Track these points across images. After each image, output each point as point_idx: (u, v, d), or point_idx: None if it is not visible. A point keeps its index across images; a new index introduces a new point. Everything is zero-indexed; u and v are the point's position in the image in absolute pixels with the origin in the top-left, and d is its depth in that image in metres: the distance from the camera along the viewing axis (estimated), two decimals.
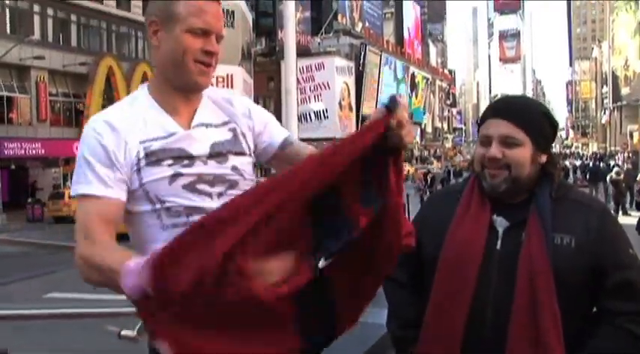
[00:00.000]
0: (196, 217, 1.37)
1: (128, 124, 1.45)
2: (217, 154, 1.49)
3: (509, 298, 1.49)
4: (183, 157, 1.45)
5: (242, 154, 1.55)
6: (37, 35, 27.19)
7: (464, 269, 1.54)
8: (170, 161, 1.44)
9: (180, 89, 1.50)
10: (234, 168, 1.51)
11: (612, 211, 15.25)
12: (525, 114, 1.56)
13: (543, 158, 1.58)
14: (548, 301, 1.46)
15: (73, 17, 30.66)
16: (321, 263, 1.30)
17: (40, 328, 5.18)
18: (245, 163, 1.54)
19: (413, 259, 1.68)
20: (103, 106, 29.94)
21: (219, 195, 1.47)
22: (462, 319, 1.52)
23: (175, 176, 1.44)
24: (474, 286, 1.52)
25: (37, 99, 27.80)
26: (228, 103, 1.60)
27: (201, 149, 1.48)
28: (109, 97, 31.14)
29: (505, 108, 1.60)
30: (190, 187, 1.45)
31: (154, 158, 1.43)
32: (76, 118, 30.53)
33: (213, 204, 1.43)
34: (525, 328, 1.46)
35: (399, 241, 1.38)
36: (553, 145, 1.68)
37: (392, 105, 1.32)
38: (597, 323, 1.53)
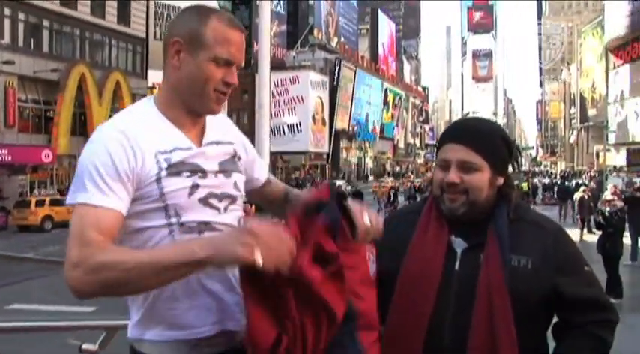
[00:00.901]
0: (206, 234, 1.44)
1: (143, 134, 1.45)
2: (224, 170, 1.56)
3: (467, 319, 1.50)
4: (197, 171, 1.49)
5: (239, 172, 1.62)
6: (6, 39, 26.73)
7: (422, 290, 1.55)
8: (188, 173, 1.48)
9: (192, 111, 1.53)
10: (235, 184, 1.58)
11: (578, 229, 15.59)
12: (483, 139, 1.57)
13: (501, 181, 1.59)
14: (505, 323, 1.48)
15: (46, 22, 30.21)
16: None
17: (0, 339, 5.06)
18: (241, 181, 1.62)
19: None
20: (74, 114, 29.39)
21: (225, 209, 1.53)
22: (420, 339, 1.53)
23: (194, 188, 1.47)
24: (432, 306, 1.53)
25: (6, 104, 27.20)
26: (228, 125, 1.68)
27: (211, 166, 1.53)
28: (81, 105, 30.74)
29: (463, 133, 1.60)
30: (204, 201, 1.49)
31: (174, 169, 1.45)
32: (45, 125, 29.99)
33: (221, 218, 1.50)
34: (483, 349, 1.48)
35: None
36: (523, 163, 1.70)
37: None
38: (563, 333, 1.57)
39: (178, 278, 1.33)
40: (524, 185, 27.33)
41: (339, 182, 34.77)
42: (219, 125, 1.62)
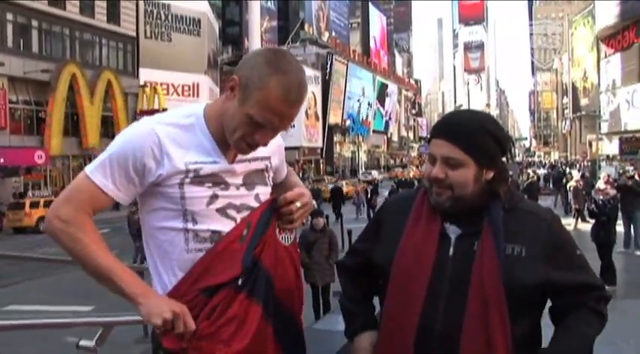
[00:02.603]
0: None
1: (178, 143, 1.53)
2: (248, 183, 1.63)
3: (461, 307, 1.51)
4: (220, 182, 1.57)
5: (265, 185, 1.69)
6: None
7: (416, 275, 1.56)
8: (210, 184, 1.56)
9: None
10: (257, 196, 1.64)
11: (572, 218, 15.66)
12: (467, 134, 1.55)
13: (489, 174, 1.58)
14: (499, 314, 1.49)
15: (34, 23, 30.03)
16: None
17: None
18: (265, 193, 1.68)
19: (364, 254, 1.75)
20: (66, 114, 29.29)
21: (243, 220, 1.60)
22: (413, 325, 1.54)
23: (213, 198, 1.55)
24: (425, 291, 1.54)
25: None
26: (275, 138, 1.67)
27: (236, 180, 1.60)
28: (72, 105, 30.61)
29: (447, 128, 1.59)
30: (222, 211, 1.57)
31: (198, 179, 1.53)
32: (37, 126, 29.86)
33: None
34: (476, 337, 1.49)
35: None
36: (516, 154, 1.70)
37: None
38: (564, 313, 1.59)
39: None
40: (534, 177, 27.46)
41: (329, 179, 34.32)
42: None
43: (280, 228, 1.64)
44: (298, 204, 1.64)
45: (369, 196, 23.80)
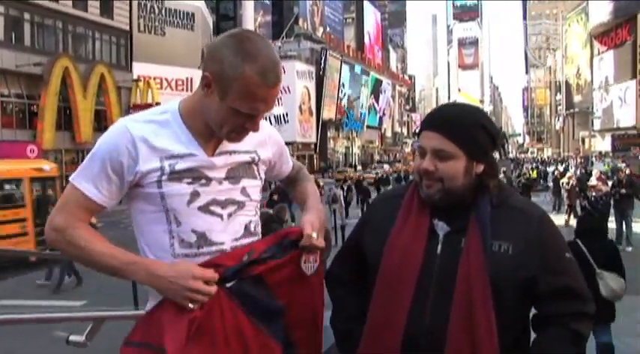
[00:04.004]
0: (205, 250, 1.53)
1: (153, 138, 1.51)
2: (231, 177, 1.59)
3: (448, 304, 1.50)
4: (201, 177, 1.54)
5: (253, 178, 1.64)
6: None
7: (404, 273, 1.55)
8: (189, 180, 1.52)
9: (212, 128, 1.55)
10: (243, 189, 1.60)
11: (564, 214, 15.72)
12: (457, 126, 1.54)
13: (479, 168, 1.57)
14: (485, 311, 1.47)
15: (27, 16, 29.77)
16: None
17: None
18: (253, 186, 1.64)
19: (354, 257, 1.72)
20: (59, 108, 29.00)
21: (229, 216, 1.57)
22: (401, 323, 1.53)
23: (194, 195, 1.52)
24: (414, 289, 1.53)
25: None
26: (260, 130, 1.59)
27: (218, 174, 1.56)
28: (65, 99, 30.41)
29: (437, 120, 1.59)
30: (205, 209, 1.54)
31: (176, 175, 1.50)
32: (29, 120, 29.65)
33: (223, 226, 1.56)
34: (462, 335, 1.48)
35: None
36: (509, 150, 1.68)
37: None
38: (541, 326, 1.56)
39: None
40: (534, 173, 27.35)
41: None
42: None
43: (305, 257, 1.60)
44: (314, 235, 1.59)
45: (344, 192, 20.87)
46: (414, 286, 1.54)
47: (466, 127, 1.55)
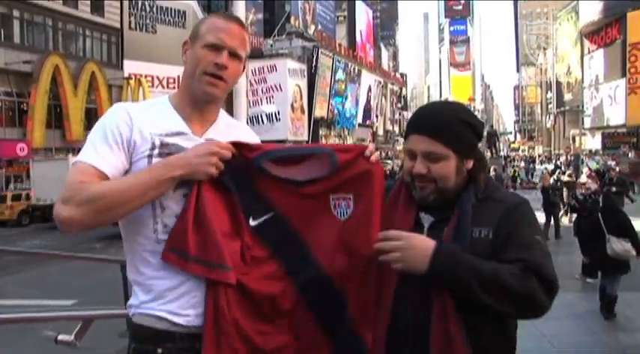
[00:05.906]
0: None
1: (145, 116, 1.64)
2: None
3: (430, 300, 1.53)
4: None
5: None
6: None
7: (387, 270, 1.57)
8: None
9: (195, 100, 1.68)
10: None
11: (561, 213, 15.79)
12: (445, 126, 1.57)
13: (469, 164, 1.62)
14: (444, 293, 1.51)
15: (16, 13, 29.55)
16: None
17: None
18: None
19: None
20: (49, 106, 28.81)
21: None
22: (384, 323, 1.57)
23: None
24: (397, 280, 1.57)
25: None
26: (240, 133, 1.78)
27: None
28: (55, 97, 30.22)
29: (424, 123, 1.61)
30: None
31: (166, 150, 1.60)
32: (19, 118, 29.44)
33: None
34: (440, 328, 1.50)
35: None
36: (501, 148, 1.70)
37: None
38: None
39: (157, 197, 1.56)
40: (512, 171, 27.48)
41: None
42: (228, 132, 1.73)
43: (336, 200, 1.59)
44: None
45: None
46: (395, 283, 1.57)
47: (451, 127, 1.58)
